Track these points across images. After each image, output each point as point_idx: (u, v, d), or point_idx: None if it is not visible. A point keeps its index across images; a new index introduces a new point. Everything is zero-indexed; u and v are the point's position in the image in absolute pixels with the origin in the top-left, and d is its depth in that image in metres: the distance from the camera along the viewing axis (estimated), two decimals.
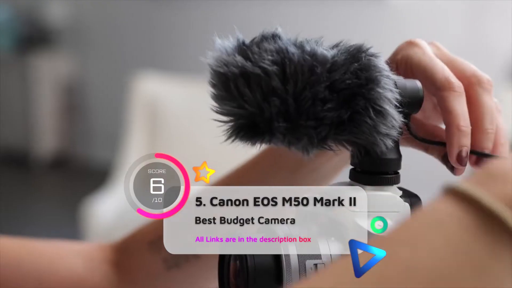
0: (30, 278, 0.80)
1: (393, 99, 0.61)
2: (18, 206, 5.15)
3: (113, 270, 0.86)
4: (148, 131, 3.69)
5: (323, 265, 0.62)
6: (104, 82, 6.14)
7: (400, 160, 0.65)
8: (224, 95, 0.61)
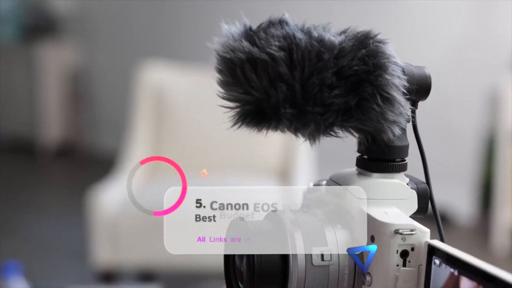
0: None
1: (400, 86, 0.61)
2: (23, 195, 5.16)
3: None
4: (154, 120, 3.69)
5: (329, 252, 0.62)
6: (110, 71, 6.13)
7: (407, 147, 0.65)
8: (230, 81, 0.60)
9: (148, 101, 3.69)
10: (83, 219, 3.61)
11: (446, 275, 0.57)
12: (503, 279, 0.52)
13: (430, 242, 0.59)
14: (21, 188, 5.31)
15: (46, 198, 5.16)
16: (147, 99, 3.69)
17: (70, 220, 4.53)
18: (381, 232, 0.60)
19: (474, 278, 0.54)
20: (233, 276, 0.67)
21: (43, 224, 4.51)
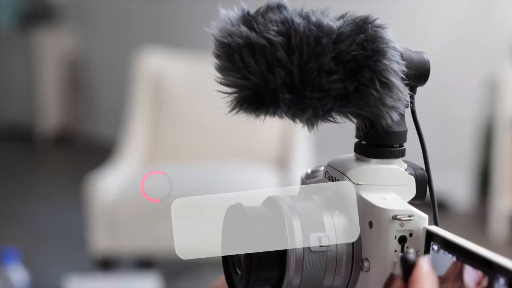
0: None
1: (399, 71, 0.60)
2: (22, 182, 5.17)
3: None
4: (152, 106, 3.68)
5: (327, 238, 0.62)
6: (108, 58, 6.12)
7: (406, 133, 0.65)
8: (228, 66, 0.60)
9: (146, 88, 3.69)
10: (81, 206, 3.61)
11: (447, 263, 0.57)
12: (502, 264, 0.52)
13: (428, 228, 0.59)
14: (20, 176, 5.31)
15: (44, 185, 5.16)
16: (145, 86, 3.69)
17: (68, 207, 4.54)
18: (379, 218, 0.60)
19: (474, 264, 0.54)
20: (231, 263, 0.66)
21: (42, 211, 4.51)
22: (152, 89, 3.70)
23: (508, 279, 0.51)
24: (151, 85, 3.70)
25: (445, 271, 0.57)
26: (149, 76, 3.70)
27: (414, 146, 0.70)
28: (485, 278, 0.53)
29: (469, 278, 0.54)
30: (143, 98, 3.69)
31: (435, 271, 0.57)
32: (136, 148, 3.57)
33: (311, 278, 0.62)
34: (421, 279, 0.55)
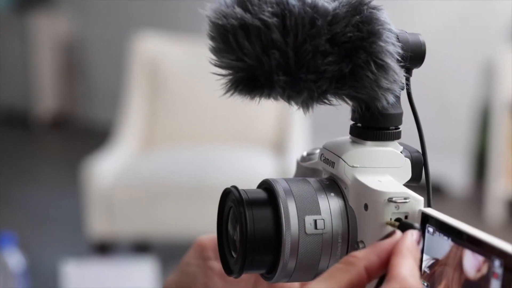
0: None
1: (395, 53, 0.60)
2: (18, 166, 5.16)
3: None
4: (149, 90, 3.68)
5: (323, 220, 0.62)
6: (104, 41, 6.11)
7: (402, 115, 0.65)
8: (222, 47, 0.59)
9: (142, 72, 3.68)
10: (78, 190, 3.61)
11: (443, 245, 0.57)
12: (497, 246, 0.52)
13: (423, 210, 0.59)
14: (16, 160, 5.31)
15: (41, 170, 5.16)
16: (142, 69, 3.68)
17: (65, 191, 4.54)
18: (374, 200, 0.60)
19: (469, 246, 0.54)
20: (226, 246, 0.66)
21: (38, 195, 4.51)
22: (148, 73, 3.69)
23: (504, 260, 0.51)
24: (147, 68, 3.69)
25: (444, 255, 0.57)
26: (145, 60, 3.70)
27: (410, 129, 0.70)
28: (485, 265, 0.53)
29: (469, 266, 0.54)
30: (140, 81, 3.69)
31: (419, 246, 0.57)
32: (133, 132, 3.57)
33: (306, 260, 0.62)
34: (403, 252, 0.55)
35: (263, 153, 3.42)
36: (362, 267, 0.55)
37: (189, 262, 0.73)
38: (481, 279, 0.53)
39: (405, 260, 0.54)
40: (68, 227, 3.98)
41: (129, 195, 3.14)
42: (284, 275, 0.63)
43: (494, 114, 4.20)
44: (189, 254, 0.73)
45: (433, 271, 0.58)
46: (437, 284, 0.58)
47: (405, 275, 0.53)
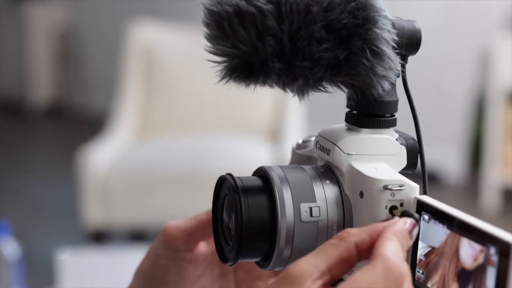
0: None
1: (390, 40, 0.60)
2: (13, 155, 5.16)
3: None
4: (144, 78, 3.67)
5: (318, 208, 0.62)
6: (100, 29, 6.09)
7: (397, 103, 0.65)
8: (217, 34, 0.59)
9: (138, 60, 3.67)
10: (73, 179, 3.61)
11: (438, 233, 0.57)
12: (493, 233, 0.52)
13: (419, 197, 0.59)
14: (11, 148, 5.30)
15: (36, 158, 5.15)
16: (137, 58, 3.68)
17: (60, 180, 4.54)
18: (370, 187, 0.60)
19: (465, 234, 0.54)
20: (221, 234, 0.66)
21: (33, 184, 4.51)
22: (144, 61, 3.68)
23: (499, 248, 0.51)
24: (143, 57, 3.68)
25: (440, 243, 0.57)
26: (141, 48, 3.69)
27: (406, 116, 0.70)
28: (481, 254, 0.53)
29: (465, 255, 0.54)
30: (135, 70, 3.68)
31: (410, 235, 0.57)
32: (128, 120, 3.56)
33: (301, 248, 0.62)
34: (389, 235, 0.55)
35: (259, 141, 3.42)
36: (352, 243, 0.55)
37: (159, 254, 0.72)
38: (477, 268, 0.53)
39: (390, 242, 0.54)
40: (63, 216, 3.98)
41: (125, 184, 3.14)
42: (280, 263, 0.63)
43: (490, 102, 4.20)
44: (157, 245, 0.72)
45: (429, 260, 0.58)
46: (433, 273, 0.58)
47: (388, 254, 0.53)
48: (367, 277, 0.51)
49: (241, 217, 0.61)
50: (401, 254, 0.54)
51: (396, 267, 0.52)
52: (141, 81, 3.67)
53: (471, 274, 0.53)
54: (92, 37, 6.18)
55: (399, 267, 0.52)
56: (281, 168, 0.64)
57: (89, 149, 3.21)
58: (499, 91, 4.11)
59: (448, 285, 0.56)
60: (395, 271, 0.52)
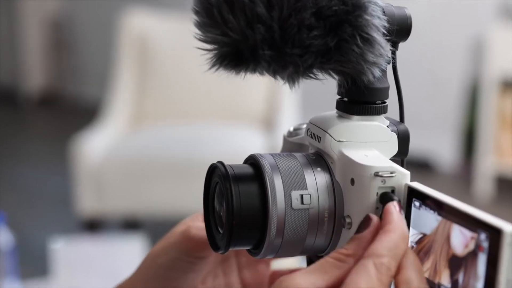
0: None
1: (381, 26, 0.60)
2: (6, 144, 5.15)
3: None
4: (138, 67, 3.66)
5: (309, 195, 0.62)
6: (93, 18, 6.07)
7: (388, 89, 0.64)
8: (207, 22, 0.59)
9: (131, 49, 3.67)
10: (67, 168, 3.61)
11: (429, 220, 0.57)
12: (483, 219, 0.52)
13: (410, 184, 0.59)
14: (4, 138, 5.29)
15: (29, 147, 5.14)
16: (131, 46, 3.67)
17: (54, 169, 4.53)
18: (360, 174, 0.60)
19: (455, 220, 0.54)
20: (213, 222, 0.66)
21: (27, 173, 4.50)
22: (137, 50, 3.67)
23: (490, 234, 0.51)
24: (136, 45, 3.67)
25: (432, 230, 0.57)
26: (134, 37, 3.68)
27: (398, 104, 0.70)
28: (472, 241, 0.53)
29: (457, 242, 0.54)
30: (129, 58, 3.67)
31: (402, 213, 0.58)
32: (122, 109, 3.56)
33: (293, 235, 0.62)
34: (394, 223, 0.56)
35: (253, 129, 3.42)
36: (352, 264, 0.56)
37: (175, 256, 0.71)
38: (468, 255, 0.53)
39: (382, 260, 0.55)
40: (57, 205, 3.98)
41: (119, 173, 3.14)
42: (271, 251, 0.63)
43: (484, 90, 4.21)
44: (175, 246, 0.71)
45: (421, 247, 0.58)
46: (425, 260, 0.58)
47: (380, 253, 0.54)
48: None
49: (232, 205, 0.61)
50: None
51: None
52: (134, 70, 3.66)
53: (462, 261, 0.54)
54: (85, 25, 6.16)
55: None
56: (272, 156, 0.64)
57: (82, 138, 3.20)
58: (493, 79, 4.11)
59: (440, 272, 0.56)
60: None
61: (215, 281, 0.76)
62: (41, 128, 5.84)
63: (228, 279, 0.76)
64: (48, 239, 2.86)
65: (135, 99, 3.63)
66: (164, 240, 0.73)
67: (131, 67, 3.66)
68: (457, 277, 0.54)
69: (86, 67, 6.24)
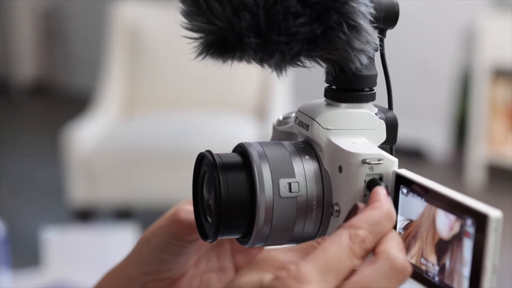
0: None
1: (367, 13, 0.59)
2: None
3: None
4: (129, 57, 3.66)
5: (297, 183, 0.62)
6: (84, 7, 6.05)
7: (376, 77, 0.64)
8: (193, 10, 0.59)
9: (122, 38, 3.66)
10: (58, 157, 3.60)
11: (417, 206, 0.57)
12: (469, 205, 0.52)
13: (397, 171, 0.59)
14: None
15: (21, 136, 5.13)
16: (122, 35, 3.66)
17: (45, 158, 4.52)
18: (348, 162, 0.60)
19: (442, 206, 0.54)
20: (202, 211, 0.66)
21: (18, 162, 4.49)
22: (128, 39, 3.66)
23: (475, 219, 0.51)
24: (127, 34, 3.66)
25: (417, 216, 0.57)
26: (125, 26, 3.67)
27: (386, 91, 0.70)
28: (457, 223, 0.53)
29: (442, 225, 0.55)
30: (120, 48, 3.66)
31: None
32: (113, 98, 3.55)
33: (281, 224, 0.62)
34: (379, 201, 0.56)
35: (245, 119, 3.42)
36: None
37: (166, 240, 0.71)
38: (453, 238, 0.53)
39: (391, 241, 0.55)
40: (48, 194, 3.97)
41: (110, 162, 3.14)
42: (260, 239, 0.63)
43: (475, 79, 4.21)
44: (165, 228, 0.72)
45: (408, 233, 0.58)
46: (412, 245, 0.58)
47: (391, 252, 0.54)
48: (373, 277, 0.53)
49: (220, 194, 0.61)
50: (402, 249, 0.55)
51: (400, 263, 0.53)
52: (126, 59, 3.65)
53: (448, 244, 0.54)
54: (76, 15, 6.14)
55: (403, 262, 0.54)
56: (260, 144, 0.64)
57: (74, 128, 3.20)
58: (484, 67, 4.11)
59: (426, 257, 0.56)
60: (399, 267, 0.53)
61: (208, 265, 0.76)
62: (33, 117, 5.83)
63: (222, 263, 0.77)
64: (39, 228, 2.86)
65: (126, 88, 3.63)
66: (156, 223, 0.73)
67: (123, 57, 3.65)
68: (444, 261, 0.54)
69: (78, 56, 6.22)
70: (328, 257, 0.53)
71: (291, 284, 0.51)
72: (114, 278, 0.75)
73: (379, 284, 0.52)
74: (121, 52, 3.65)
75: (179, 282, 0.74)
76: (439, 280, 0.55)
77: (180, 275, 0.74)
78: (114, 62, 3.64)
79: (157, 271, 0.72)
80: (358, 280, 0.52)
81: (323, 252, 0.53)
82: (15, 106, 5.98)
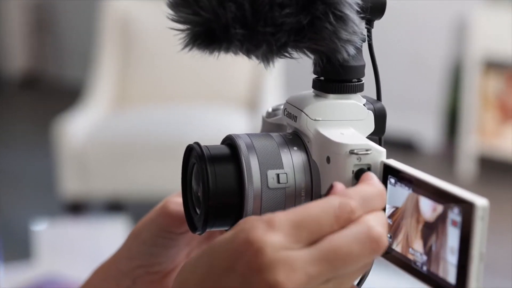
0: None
1: (354, 4, 0.59)
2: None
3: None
4: (120, 49, 3.65)
5: (285, 174, 0.62)
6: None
7: (364, 67, 0.64)
8: (179, 1, 0.59)
9: (114, 30, 3.65)
10: (50, 150, 3.59)
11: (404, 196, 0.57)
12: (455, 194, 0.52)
13: (385, 161, 0.59)
14: None
15: (11, 129, 5.12)
16: (113, 28, 3.65)
17: (37, 151, 4.51)
18: (336, 152, 0.60)
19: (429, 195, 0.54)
20: (191, 203, 0.66)
21: (9, 155, 4.49)
22: (120, 32, 3.66)
23: (462, 208, 0.51)
24: (119, 27, 3.66)
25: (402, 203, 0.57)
26: (117, 18, 3.66)
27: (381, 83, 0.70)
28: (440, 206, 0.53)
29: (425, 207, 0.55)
30: (111, 40, 3.65)
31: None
32: (105, 91, 3.55)
33: None
34: (372, 180, 0.57)
35: (237, 111, 3.42)
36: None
37: (156, 233, 0.72)
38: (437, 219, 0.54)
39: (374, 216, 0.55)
40: (40, 187, 3.97)
41: (102, 155, 3.13)
42: None
43: (466, 71, 4.22)
44: (156, 220, 0.72)
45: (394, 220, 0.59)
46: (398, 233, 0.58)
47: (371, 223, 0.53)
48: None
49: (208, 186, 0.61)
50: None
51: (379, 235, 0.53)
52: (117, 51, 3.64)
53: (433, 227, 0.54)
54: (67, 7, 6.12)
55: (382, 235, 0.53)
56: (248, 136, 0.64)
57: (65, 120, 3.19)
58: (476, 59, 4.12)
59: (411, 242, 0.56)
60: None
61: None
62: (24, 110, 5.82)
63: None
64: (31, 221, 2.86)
65: (118, 81, 3.62)
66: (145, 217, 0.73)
67: (114, 49, 3.64)
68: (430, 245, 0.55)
69: (69, 49, 6.21)
70: (308, 215, 0.52)
71: (259, 225, 0.51)
72: (105, 273, 0.75)
73: (351, 247, 0.51)
74: (113, 44, 3.64)
75: (170, 275, 0.74)
76: (427, 270, 0.55)
77: (172, 268, 0.74)
78: (105, 55, 3.63)
79: (148, 265, 0.72)
80: (331, 239, 0.52)
81: (305, 209, 0.53)
82: (6, 99, 5.97)
